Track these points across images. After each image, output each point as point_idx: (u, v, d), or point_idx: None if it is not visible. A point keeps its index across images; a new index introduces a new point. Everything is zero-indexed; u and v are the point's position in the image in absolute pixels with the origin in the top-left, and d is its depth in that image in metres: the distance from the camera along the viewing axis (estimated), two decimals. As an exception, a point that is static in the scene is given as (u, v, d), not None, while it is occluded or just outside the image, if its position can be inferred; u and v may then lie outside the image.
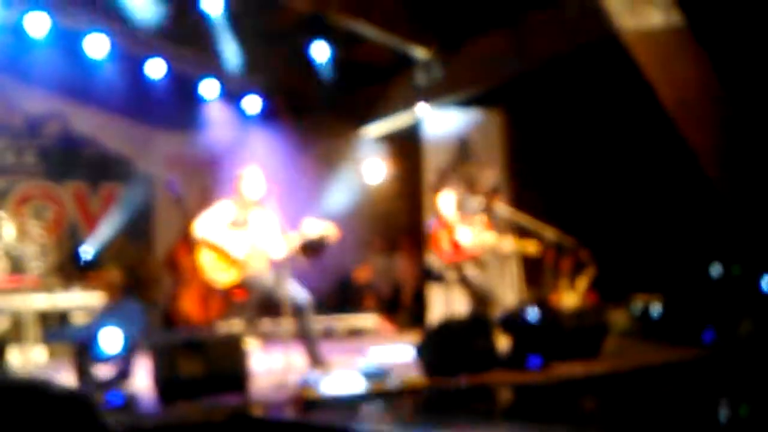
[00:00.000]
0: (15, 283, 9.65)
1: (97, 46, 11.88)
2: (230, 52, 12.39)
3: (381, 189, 14.49)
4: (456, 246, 9.25)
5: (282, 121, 13.11)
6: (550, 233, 9.54)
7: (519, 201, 12.06)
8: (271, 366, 7.51)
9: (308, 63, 12.99)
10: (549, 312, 8.56)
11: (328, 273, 11.42)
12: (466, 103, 12.99)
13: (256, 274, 7.73)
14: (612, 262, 10.42)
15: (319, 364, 7.61)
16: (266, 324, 8.73)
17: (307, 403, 6.07)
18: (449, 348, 7.24)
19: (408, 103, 13.22)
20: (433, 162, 13.10)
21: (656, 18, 9.49)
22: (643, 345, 9.18)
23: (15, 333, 9.30)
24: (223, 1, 11.66)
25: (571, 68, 11.29)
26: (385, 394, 6.45)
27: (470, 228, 9.32)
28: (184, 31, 12.26)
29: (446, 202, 9.38)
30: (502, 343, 7.64)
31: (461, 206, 9.39)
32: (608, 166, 11.63)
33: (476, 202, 9.49)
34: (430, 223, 9.35)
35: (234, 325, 7.88)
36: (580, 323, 8.33)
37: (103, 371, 6.30)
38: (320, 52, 12.60)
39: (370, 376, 6.77)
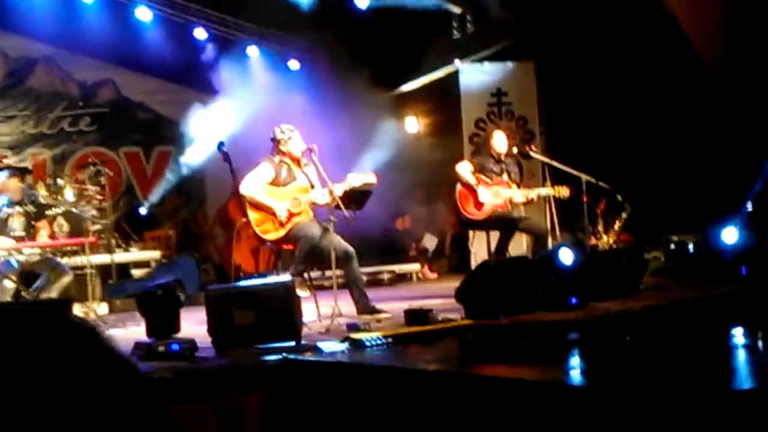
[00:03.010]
0: (76, 244, 9.81)
1: (143, 13, 12.20)
2: (272, 14, 12.58)
3: (421, 141, 14.70)
4: (481, 206, 9.52)
5: (323, 79, 13.19)
6: (585, 177, 9.66)
7: (553, 147, 12.21)
8: (321, 313, 7.68)
9: (348, 21, 13.17)
10: (586, 253, 8.63)
11: (372, 224, 11.65)
12: (501, 56, 13.13)
13: (302, 228, 7.90)
14: (646, 203, 10.46)
15: (367, 310, 7.79)
16: (314, 274, 8.89)
17: (355, 346, 6.09)
18: (489, 289, 7.24)
19: (445, 58, 13.37)
20: (470, 113, 13.30)
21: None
22: (679, 282, 9.13)
23: (78, 291, 9.49)
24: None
25: (598, 15, 11.34)
26: (428, 335, 6.51)
27: (491, 189, 9.56)
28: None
29: (464, 169, 9.63)
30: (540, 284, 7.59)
31: (481, 170, 9.62)
32: (641, 111, 11.59)
33: (498, 164, 9.69)
34: (457, 187, 9.60)
35: (284, 276, 8.08)
36: (616, 263, 8.37)
37: (160, 322, 6.45)
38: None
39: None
